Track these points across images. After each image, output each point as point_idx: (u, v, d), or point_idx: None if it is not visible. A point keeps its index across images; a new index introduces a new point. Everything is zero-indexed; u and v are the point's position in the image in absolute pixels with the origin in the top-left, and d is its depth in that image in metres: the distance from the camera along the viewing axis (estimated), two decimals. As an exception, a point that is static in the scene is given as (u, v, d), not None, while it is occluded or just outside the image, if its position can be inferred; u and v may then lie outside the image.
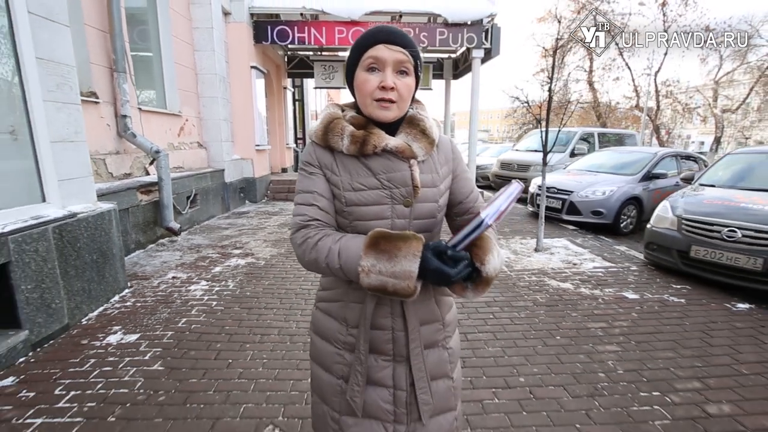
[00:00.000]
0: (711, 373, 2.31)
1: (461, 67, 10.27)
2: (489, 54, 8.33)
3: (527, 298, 3.42)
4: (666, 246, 4.03)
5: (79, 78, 3.05)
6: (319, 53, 10.53)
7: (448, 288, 0.94)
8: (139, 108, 5.05)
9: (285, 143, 11.14)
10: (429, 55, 10.30)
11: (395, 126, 0.97)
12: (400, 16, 8.07)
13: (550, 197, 6.33)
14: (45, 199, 2.73)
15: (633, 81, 19.07)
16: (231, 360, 2.39)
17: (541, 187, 4.99)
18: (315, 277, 3.74)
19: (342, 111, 0.99)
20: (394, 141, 0.93)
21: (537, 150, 8.80)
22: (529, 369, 2.35)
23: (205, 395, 2.06)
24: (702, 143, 31.53)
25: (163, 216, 4.87)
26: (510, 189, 0.85)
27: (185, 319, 2.90)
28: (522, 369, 2.35)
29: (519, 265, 4.28)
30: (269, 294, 3.43)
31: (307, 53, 10.53)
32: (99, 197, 3.31)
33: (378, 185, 0.92)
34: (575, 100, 7.24)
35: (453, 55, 10.46)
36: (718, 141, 19.61)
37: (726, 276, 3.55)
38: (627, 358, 2.48)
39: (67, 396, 2.02)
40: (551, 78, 4.65)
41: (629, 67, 18.40)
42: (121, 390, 2.08)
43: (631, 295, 3.50)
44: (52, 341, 2.54)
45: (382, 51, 0.88)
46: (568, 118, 4.98)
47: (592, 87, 19.50)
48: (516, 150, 10.88)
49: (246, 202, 8.05)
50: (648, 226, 4.37)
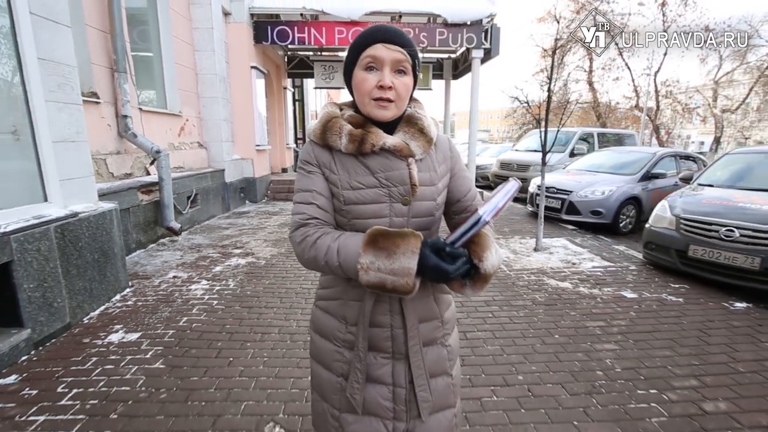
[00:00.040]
0: (708, 371, 2.33)
1: (461, 68, 10.28)
2: (489, 54, 8.35)
3: (526, 297, 3.44)
4: (664, 245, 4.05)
5: (80, 78, 3.07)
6: (319, 53, 10.54)
7: (446, 285, 0.95)
8: (140, 108, 5.07)
9: (285, 143, 11.15)
10: (429, 56, 10.30)
11: (393, 125, 0.97)
12: (399, 16, 8.08)
13: (549, 197, 6.34)
14: (47, 199, 2.74)
15: (633, 81, 19.13)
16: (232, 358, 2.41)
17: (541, 187, 5.01)
18: (315, 277, 3.75)
19: (340, 110, 0.99)
20: (392, 140, 0.93)
21: (536, 150, 8.81)
22: (528, 367, 2.37)
23: (207, 393, 2.08)
24: (702, 143, 31.52)
25: (164, 216, 4.88)
26: (507, 186, 0.86)
27: (186, 318, 2.92)
28: (520, 367, 2.37)
29: (518, 265, 4.30)
30: (270, 293, 3.45)
31: (307, 53, 10.54)
32: (100, 197, 3.33)
33: (376, 184, 0.92)
34: (574, 100, 7.24)
35: (453, 56, 10.47)
36: (717, 141, 19.65)
37: (724, 275, 3.57)
38: (625, 356, 2.50)
39: (70, 394, 2.04)
40: (550, 78, 4.66)
41: (629, 67, 18.46)
42: (123, 388, 2.10)
43: (630, 295, 3.51)
44: (54, 340, 2.56)
45: (380, 50, 0.89)
46: (567, 118, 4.99)
47: (591, 87, 19.52)
48: (516, 150, 10.91)
49: (246, 202, 8.06)
50: (646, 225, 4.39)
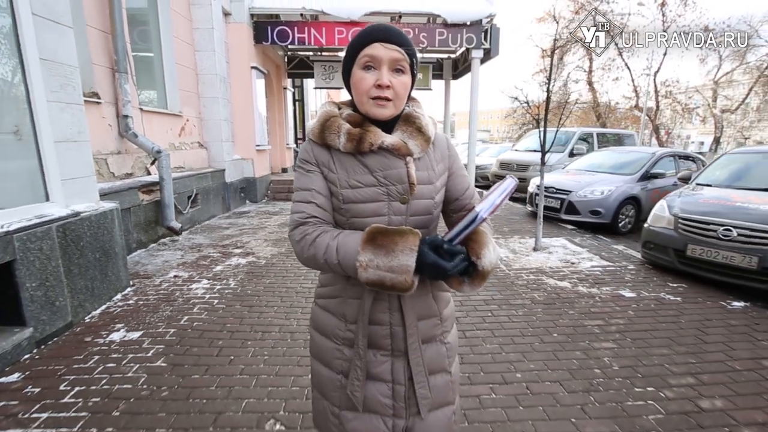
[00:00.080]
0: (705, 369, 2.35)
1: (461, 68, 10.30)
2: (488, 54, 8.37)
3: (525, 296, 3.46)
4: (663, 245, 4.06)
5: (82, 78, 3.08)
6: (319, 53, 10.56)
7: (444, 282, 0.95)
8: (141, 108, 5.09)
9: (285, 143, 11.16)
10: (428, 56, 10.32)
11: (391, 124, 0.97)
12: (399, 16, 8.10)
13: (548, 197, 6.36)
14: (49, 199, 2.76)
15: (632, 81, 19.18)
16: (233, 357, 2.43)
17: (540, 187, 5.02)
18: (315, 276, 3.77)
19: (339, 109, 1.00)
20: (390, 138, 0.93)
21: (536, 150, 8.78)
22: (526, 365, 2.39)
23: (208, 390, 2.09)
24: (702, 143, 31.53)
25: (165, 215, 4.90)
26: (504, 184, 0.87)
27: (187, 317, 2.94)
28: (519, 365, 2.39)
29: (517, 264, 4.32)
30: (270, 292, 3.46)
31: (307, 53, 10.56)
32: (101, 197, 3.34)
33: (374, 182, 0.93)
34: (573, 100, 7.26)
35: (452, 56, 10.48)
36: (717, 141, 19.68)
37: (722, 274, 3.59)
38: (622, 354, 2.52)
39: (72, 391, 2.06)
40: (549, 78, 4.68)
41: (628, 68, 18.50)
42: (125, 386, 2.12)
43: (628, 294, 3.53)
44: (56, 338, 2.58)
45: (377, 49, 0.89)
46: (566, 118, 5.01)
47: (591, 87, 19.56)
48: (515, 150, 10.92)
49: (246, 201, 8.08)
50: (645, 225, 4.40)
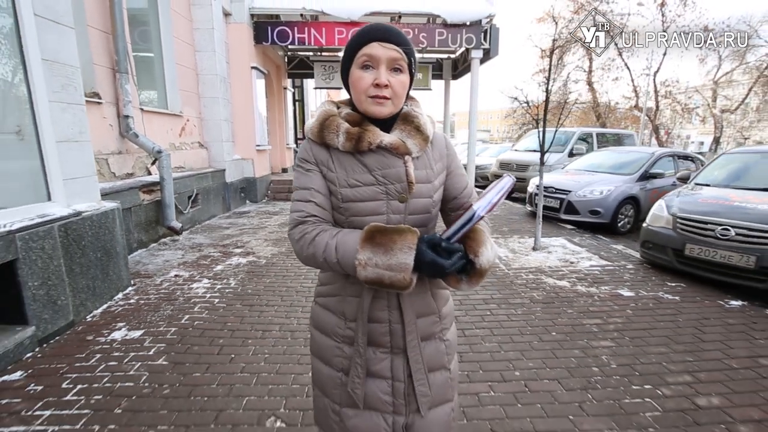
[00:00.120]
0: (702, 368, 2.37)
1: (460, 68, 10.32)
2: (488, 54, 8.39)
3: (524, 295, 3.47)
4: (661, 244, 4.08)
5: (83, 79, 3.10)
6: (319, 54, 10.58)
7: (442, 280, 0.96)
8: (141, 108, 5.10)
9: (285, 143, 11.18)
10: (428, 56, 10.34)
11: (390, 123, 0.98)
12: (399, 16, 8.12)
13: (548, 197, 6.38)
14: (50, 198, 2.78)
15: (632, 81, 19.21)
16: (233, 355, 2.45)
17: (539, 187, 5.04)
18: (315, 275, 3.79)
19: (337, 108, 1.00)
20: (388, 138, 0.94)
21: (535, 150, 8.78)
22: (525, 363, 2.41)
23: (209, 388, 2.11)
24: (701, 143, 31.57)
25: (165, 215, 4.92)
26: (502, 182, 0.88)
27: (188, 316, 2.95)
28: (518, 363, 2.41)
29: (517, 264, 4.34)
30: (270, 291, 3.48)
31: (307, 54, 10.58)
32: (102, 196, 3.36)
33: (373, 181, 0.93)
34: (573, 100, 7.28)
35: (452, 56, 10.50)
36: (717, 141, 19.70)
37: (720, 274, 3.60)
38: (620, 353, 2.54)
39: (74, 389, 2.08)
40: (548, 78, 4.70)
41: (628, 68, 18.53)
42: (127, 383, 2.14)
43: (627, 293, 3.55)
44: (57, 337, 2.60)
45: (375, 49, 0.89)
46: (565, 118, 5.03)
47: (591, 87, 19.58)
48: (515, 150, 10.94)
49: (246, 201, 8.10)
50: (644, 224, 4.42)
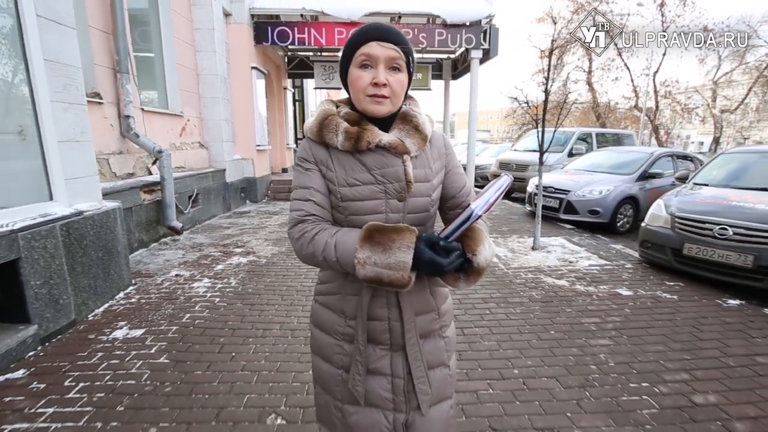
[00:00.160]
0: (699, 366, 2.38)
1: (460, 68, 10.34)
2: (487, 54, 8.41)
3: (523, 294, 3.49)
4: (660, 244, 4.10)
5: (84, 79, 3.11)
6: (319, 54, 10.60)
7: (440, 279, 0.97)
8: (142, 108, 5.12)
9: (285, 143, 11.20)
10: (428, 56, 10.36)
11: (389, 122, 0.98)
12: (399, 17, 8.14)
13: (547, 197, 6.39)
14: (52, 198, 2.80)
15: (632, 81, 19.24)
16: (234, 353, 2.47)
17: (539, 187, 5.06)
18: (315, 274, 3.80)
19: (336, 107, 1.01)
20: (387, 137, 0.94)
21: (535, 150, 8.80)
22: (523, 362, 2.43)
23: (210, 386, 2.13)
24: (701, 143, 31.61)
25: (166, 215, 4.94)
26: (500, 182, 0.89)
27: (189, 315, 2.97)
28: (516, 362, 2.43)
29: (516, 263, 4.35)
30: (271, 291, 3.50)
31: (307, 54, 10.60)
32: (103, 196, 3.37)
33: (372, 180, 0.94)
34: (572, 100, 7.30)
35: (452, 56, 10.52)
36: (717, 141, 19.73)
37: (718, 273, 3.62)
38: (618, 351, 2.56)
39: (77, 387, 2.09)
40: (547, 79, 4.72)
41: (628, 68, 18.57)
42: (129, 381, 2.15)
43: (625, 292, 3.57)
44: (60, 336, 2.61)
45: (374, 48, 0.90)
46: (564, 118, 5.05)
47: (591, 87, 19.60)
48: (515, 150, 10.95)
49: (247, 201, 8.12)
50: (642, 224, 4.44)
